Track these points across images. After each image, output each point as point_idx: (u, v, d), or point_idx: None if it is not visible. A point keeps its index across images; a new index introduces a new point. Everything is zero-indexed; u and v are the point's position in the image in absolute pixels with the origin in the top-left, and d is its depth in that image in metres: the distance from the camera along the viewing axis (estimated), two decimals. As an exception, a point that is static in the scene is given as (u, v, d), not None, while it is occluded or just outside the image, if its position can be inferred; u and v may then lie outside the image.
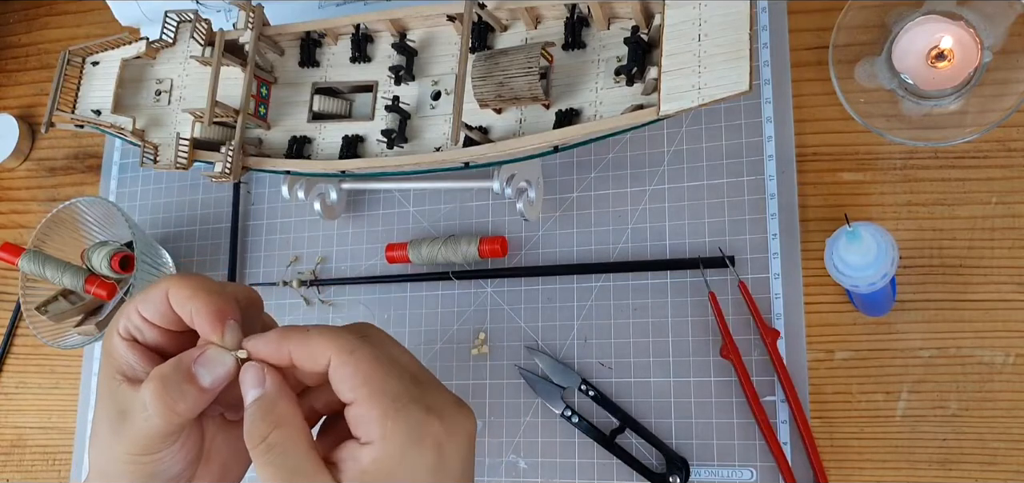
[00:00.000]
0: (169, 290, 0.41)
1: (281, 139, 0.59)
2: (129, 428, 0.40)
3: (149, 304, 0.41)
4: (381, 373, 0.38)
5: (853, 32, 0.55)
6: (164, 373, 0.40)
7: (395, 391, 0.38)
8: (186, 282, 0.41)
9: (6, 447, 0.72)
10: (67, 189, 0.76)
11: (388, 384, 0.38)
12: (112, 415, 0.41)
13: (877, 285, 0.46)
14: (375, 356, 0.38)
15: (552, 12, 0.54)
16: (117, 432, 0.41)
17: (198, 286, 0.41)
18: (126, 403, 0.41)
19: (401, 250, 0.63)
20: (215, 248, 0.69)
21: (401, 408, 0.37)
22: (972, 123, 0.52)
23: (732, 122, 0.58)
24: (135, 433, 0.40)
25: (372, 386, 0.38)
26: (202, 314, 0.40)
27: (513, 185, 0.56)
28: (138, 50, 0.62)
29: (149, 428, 0.40)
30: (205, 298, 0.40)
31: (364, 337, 0.39)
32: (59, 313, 0.67)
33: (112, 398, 0.41)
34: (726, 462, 0.54)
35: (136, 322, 0.42)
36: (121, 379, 0.42)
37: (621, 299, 0.58)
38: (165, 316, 0.42)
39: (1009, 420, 0.51)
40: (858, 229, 0.45)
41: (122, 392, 0.41)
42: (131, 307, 0.42)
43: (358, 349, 0.38)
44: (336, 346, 0.38)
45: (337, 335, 0.39)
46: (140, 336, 0.42)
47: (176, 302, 0.41)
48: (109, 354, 0.42)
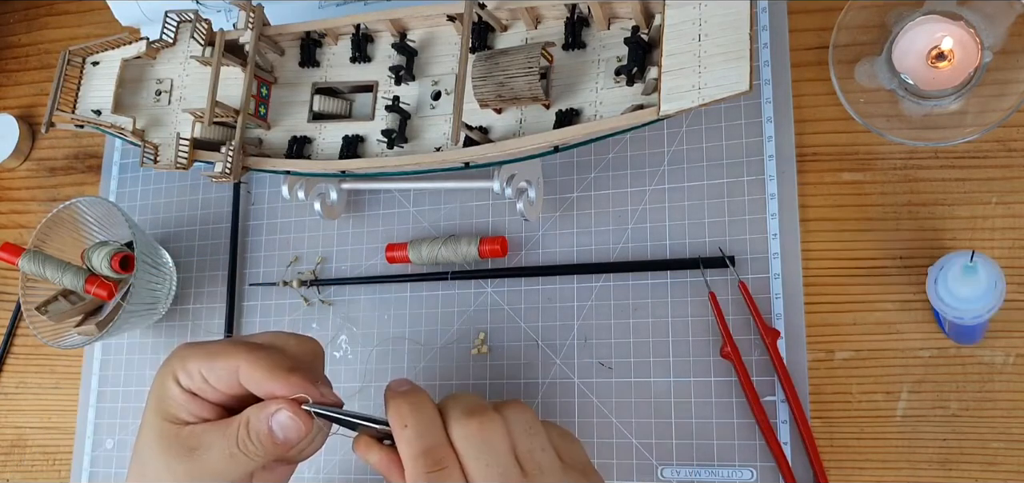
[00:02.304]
0: (240, 369, 0.44)
1: (281, 139, 0.59)
2: (199, 469, 0.43)
3: (215, 373, 0.44)
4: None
5: (853, 32, 0.55)
6: (251, 421, 0.43)
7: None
8: (259, 363, 0.43)
9: (6, 447, 0.72)
10: (67, 189, 0.76)
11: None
12: (176, 454, 0.43)
13: (982, 318, 0.44)
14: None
15: (552, 12, 0.54)
16: (176, 470, 0.43)
17: (274, 366, 0.43)
18: (197, 442, 0.44)
19: (401, 250, 0.63)
20: (215, 248, 0.69)
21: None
22: (972, 123, 0.52)
23: (732, 122, 0.58)
24: (208, 472, 0.43)
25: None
26: (279, 393, 0.43)
27: (513, 185, 0.56)
28: (138, 50, 0.62)
29: (228, 469, 0.43)
30: (285, 378, 0.43)
31: (438, 474, 0.40)
32: (59, 313, 0.67)
33: (176, 439, 0.44)
34: (726, 462, 0.54)
35: (198, 382, 0.44)
36: (178, 422, 0.45)
37: (621, 299, 0.58)
38: (231, 386, 0.44)
39: (1009, 420, 0.51)
40: (977, 264, 0.43)
41: (189, 433, 0.44)
42: (193, 365, 0.44)
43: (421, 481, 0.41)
44: (408, 473, 0.41)
45: (415, 460, 0.41)
46: (194, 388, 0.45)
47: (249, 383, 0.44)
48: (163, 399, 0.45)
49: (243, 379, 0.44)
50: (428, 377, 0.61)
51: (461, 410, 0.42)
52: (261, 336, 0.47)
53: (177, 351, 0.45)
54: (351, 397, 0.63)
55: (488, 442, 0.41)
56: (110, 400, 0.69)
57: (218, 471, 0.43)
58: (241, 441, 0.43)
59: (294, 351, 0.46)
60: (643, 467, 0.56)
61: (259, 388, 0.44)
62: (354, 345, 0.64)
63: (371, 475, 0.61)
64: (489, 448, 0.41)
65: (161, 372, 0.45)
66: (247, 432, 0.43)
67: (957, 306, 0.45)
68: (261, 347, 0.44)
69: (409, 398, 0.42)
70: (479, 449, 0.41)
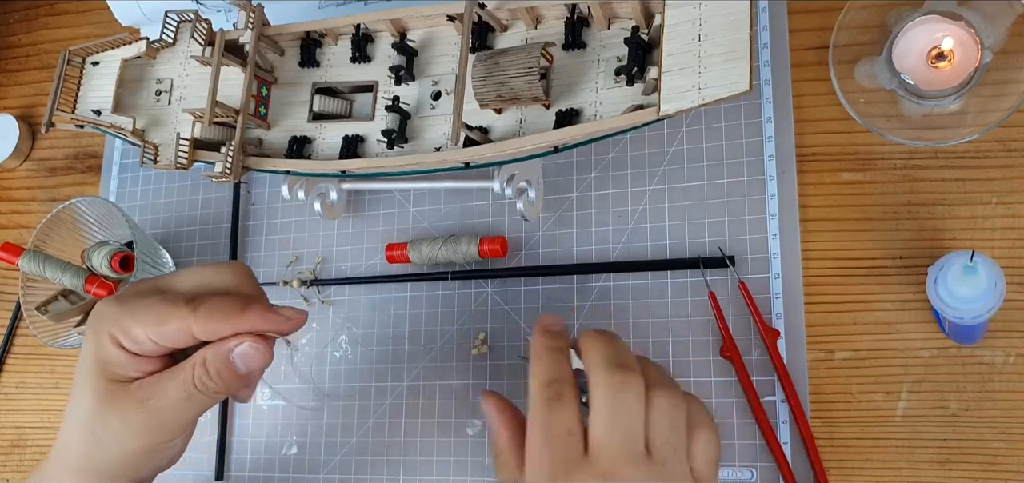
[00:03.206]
0: (194, 327, 0.44)
1: (281, 139, 0.59)
2: (156, 417, 0.44)
3: (167, 337, 0.44)
4: (540, 444, 0.40)
5: (853, 32, 0.55)
6: (209, 359, 0.45)
7: (547, 465, 0.40)
8: (212, 316, 0.44)
9: (6, 447, 0.72)
10: (67, 189, 0.76)
11: (543, 456, 0.40)
12: (130, 408, 0.44)
13: (982, 318, 0.44)
14: (546, 419, 0.40)
15: (552, 12, 0.54)
16: (133, 424, 0.44)
17: (229, 314, 0.44)
18: (148, 393, 0.44)
19: (401, 250, 0.63)
20: (215, 248, 0.69)
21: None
22: (972, 123, 0.52)
23: (732, 122, 0.58)
24: (166, 418, 0.45)
25: (530, 455, 0.41)
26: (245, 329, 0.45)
27: (513, 185, 0.56)
28: (138, 50, 0.62)
29: (185, 410, 0.45)
30: (240, 320, 0.44)
31: (560, 399, 0.41)
32: (59, 313, 0.67)
33: (125, 396, 0.44)
34: (726, 462, 0.54)
35: (140, 340, 0.44)
36: (125, 380, 0.45)
37: (621, 299, 0.58)
38: (182, 342, 0.45)
39: (1009, 420, 0.51)
40: (977, 264, 0.43)
41: (138, 386, 0.45)
42: (138, 331, 0.44)
43: (536, 407, 0.41)
44: (534, 386, 0.42)
45: (543, 382, 0.42)
46: (139, 350, 0.45)
47: (205, 336, 0.44)
48: (106, 363, 0.45)
49: (198, 334, 0.44)
50: (428, 377, 0.61)
51: (605, 359, 0.41)
52: (186, 277, 0.47)
53: (106, 313, 0.45)
54: (351, 397, 0.63)
55: (624, 405, 0.40)
56: (110, 400, 0.69)
57: (175, 415, 0.45)
58: (199, 380, 0.44)
59: (235, 285, 0.47)
60: (643, 467, 0.56)
61: (218, 337, 0.45)
62: (354, 345, 0.64)
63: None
64: (621, 411, 0.40)
65: (94, 338, 0.45)
66: (205, 370, 0.44)
67: (957, 306, 0.45)
68: (204, 298, 0.44)
69: (554, 325, 0.43)
70: (610, 407, 0.40)
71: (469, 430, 0.60)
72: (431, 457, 0.60)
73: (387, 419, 0.62)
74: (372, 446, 0.61)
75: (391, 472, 0.61)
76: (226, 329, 0.44)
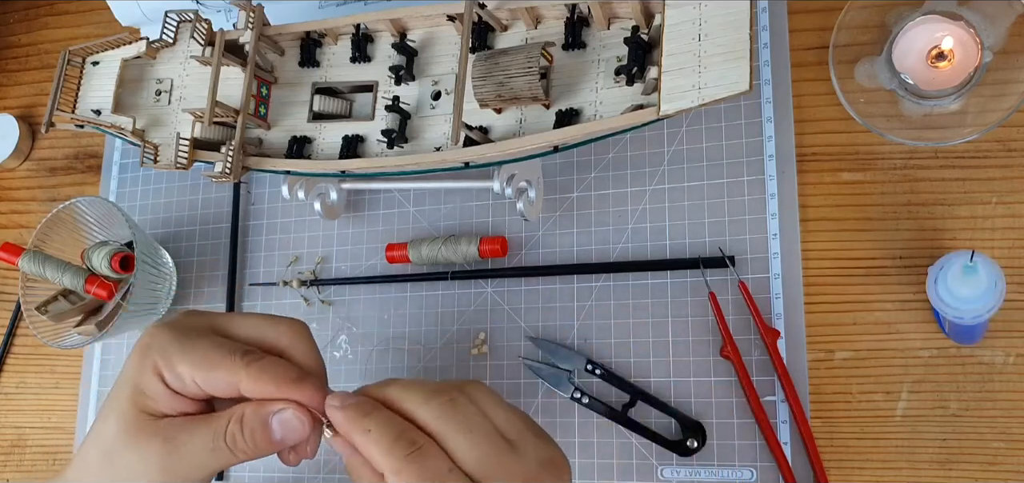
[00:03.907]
0: (242, 384, 0.43)
1: (281, 139, 0.59)
2: (176, 461, 0.43)
3: (213, 384, 0.43)
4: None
5: (853, 32, 0.55)
6: (247, 417, 0.43)
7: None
8: (263, 377, 0.43)
9: (6, 447, 0.72)
10: (67, 189, 0.76)
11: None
12: (151, 445, 0.43)
13: (982, 318, 0.44)
14: (420, 478, 0.39)
15: (552, 12, 0.54)
16: (151, 462, 0.43)
17: (282, 380, 0.43)
18: (175, 434, 0.43)
19: (401, 250, 0.63)
20: (215, 248, 0.69)
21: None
22: (972, 123, 0.52)
23: (732, 122, 0.58)
24: (184, 464, 0.43)
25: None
26: (292, 397, 0.43)
27: (513, 185, 0.56)
28: (138, 50, 0.62)
29: (206, 462, 0.43)
30: (291, 390, 0.43)
31: (417, 451, 0.39)
32: (59, 313, 0.67)
33: (151, 430, 0.43)
34: (726, 462, 0.54)
35: (185, 379, 0.43)
36: (155, 415, 0.44)
37: (621, 299, 0.58)
38: (227, 392, 0.44)
39: (1009, 420, 0.51)
40: (977, 264, 0.43)
41: (168, 424, 0.43)
42: (184, 370, 0.43)
43: (403, 469, 0.39)
44: (386, 464, 0.39)
45: (390, 447, 0.40)
46: (180, 389, 0.44)
47: (252, 394, 0.43)
48: (142, 393, 0.44)
49: (246, 391, 0.43)
50: (428, 377, 0.61)
51: (422, 395, 0.41)
52: (245, 324, 0.46)
53: (156, 343, 0.44)
54: (351, 397, 0.63)
55: (466, 417, 0.41)
56: (110, 400, 0.69)
57: (196, 463, 0.43)
58: (230, 436, 0.43)
59: (293, 353, 0.45)
60: (643, 467, 0.56)
61: (264, 397, 0.43)
62: (354, 345, 0.64)
63: (371, 475, 0.61)
64: (469, 422, 0.40)
65: (138, 363, 0.44)
66: (240, 427, 0.43)
67: (957, 306, 0.45)
68: (260, 357, 0.43)
69: (359, 407, 0.42)
70: (459, 424, 0.40)
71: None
72: (431, 457, 0.60)
73: (387, 419, 0.62)
74: (372, 446, 0.61)
75: (391, 472, 0.60)
76: (274, 394, 0.43)
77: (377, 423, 0.41)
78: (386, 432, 0.40)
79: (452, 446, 0.40)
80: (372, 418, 0.41)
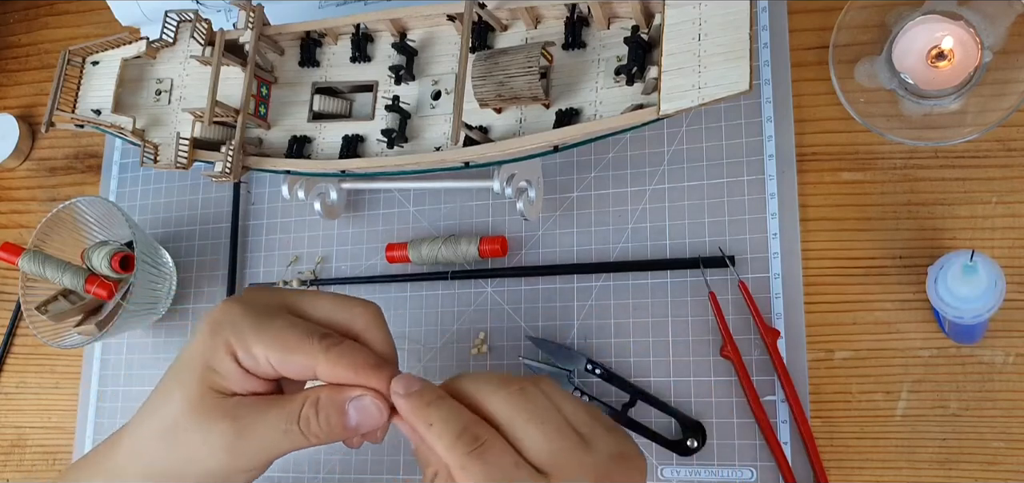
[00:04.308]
0: (319, 368, 0.42)
1: (281, 139, 0.59)
2: (245, 443, 0.41)
3: (289, 366, 0.42)
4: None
5: (853, 32, 0.55)
6: (323, 402, 0.42)
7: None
8: (341, 363, 0.42)
9: (6, 447, 0.72)
10: (67, 189, 0.76)
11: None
12: (219, 423, 0.41)
13: (982, 317, 0.44)
14: (486, 475, 0.38)
15: (552, 12, 0.54)
16: (217, 442, 0.41)
17: (361, 366, 0.42)
18: (245, 413, 0.42)
19: (401, 250, 0.63)
20: (215, 248, 0.69)
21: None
22: (972, 123, 0.52)
23: (732, 122, 0.58)
24: (254, 446, 0.42)
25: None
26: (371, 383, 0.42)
27: (513, 185, 0.56)
28: (138, 50, 0.62)
29: (276, 444, 0.42)
30: (369, 377, 0.42)
31: (481, 446, 0.38)
32: (59, 313, 0.67)
33: (219, 408, 0.42)
34: (726, 462, 0.54)
35: (259, 360, 0.42)
36: (225, 393, 0.42)
37: (621, 299, 0.58)
38: (301, 375, 0.43)
39: (1009, 419, 0.51)
40: (977, 263, 0.43)
41: (237, 403, 0.42)
42: (259, 351, 0.42)
43: (469, 466, 0.38)
44: (450, 459, 0.38)
45: (454, 443, 0.38)
46: (253, 369, 0.43)
47: (329, 379, 0.42)
48: (212, 371, 0.42)
49: (323, 376, 0.42)
50: (428, 377, 0.61)
51: (492, 384, 0.40)
52: (320, 305, 0.44)
53: (228, 319, 0.42)
54: (351, 397, 0.63)
55: (537, 407, 0.39)
56: (110, 400, 0.69)
57: (265, 446, 0.42)
58: (304, 419, 0.42)
59: (368, 338, 0.44)
60: (643, 467, 0.56)
61: (341, 382, 0.42)
62: (354, 345, 0.64)
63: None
64: (539, 413, 0.39)
65: (209, 340, 0.42)
66: (314, 411, 0.42)
67: (957, 306, 0.45)
68: (338, 342, 0.42)
69: (422, 396, 0.41)
70: (530, 414, 0.39)
71: (469, 430, 0.59)
72: (431, 457, 0.60)
73: (387, 419, 0.62)
74: (372, 446, 0.61)
75: (391, 472, 0.61)
76: (352, 380, 0.42)
77: (440, 416, 0.39)
78: (449, 426, 0.39)
79: (521, 436, 0.39)
80: (434, 409, 0.40)
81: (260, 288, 0.45)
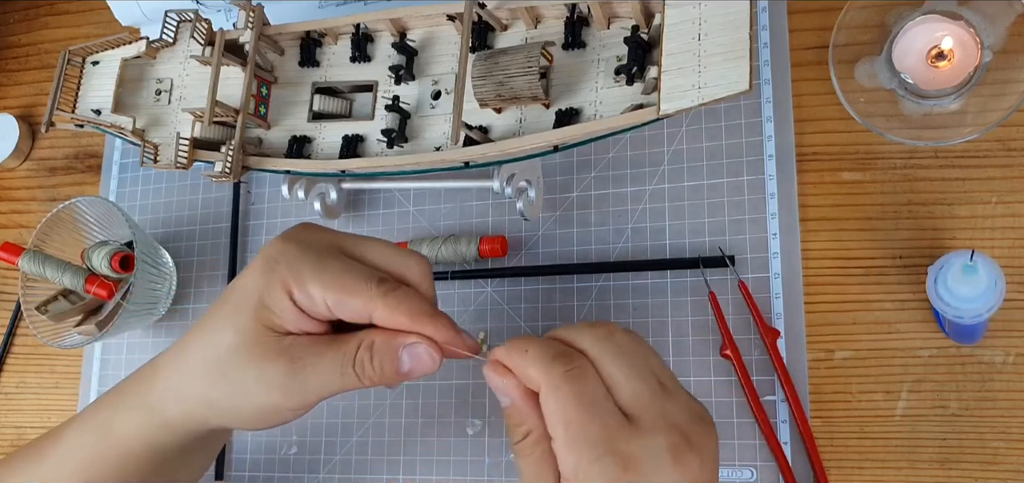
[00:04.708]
0: (376, 313, 0.42)
1: (281, 139, 0.59)
2: (300, 383, 0.42)
3: (346, 308, 0.42)
4: (582, 418, 0.37)
5: (853, 32, 0.55)
6: (378, 346, 0.42)
7: (594, 438, 0.37)
8: (400, 309, 0.42)
9: (6, 447, 0.72)
10: (67, 189, 0.76)
11: (588, 430, 0.37)
12: (274, 361, 0.41)
13: (982, 317, 0.44)
14: (578, 397, 0.37)
15: (552, 12, 0.54)
16: (272, 380, 0.41)
17: (417, 314, 0.42)
18: (301, 353, 0.42)
19: (401, 250, 0.63)
20: (215, 248, 0.69)
21: (596, 459, 0.36)
22: (972, 123, 0.52)
23: (732, 122, 0.58)
24: (309, 386, 0.42)
25: (571, 431, 0.37)
26: (435, 334, 0.43)
27: (513, 185, 0.56)
28: (138, 50, 0.62)
29: (330, 385, 0.42)
30: (424, 325, 0.42)
31: (576, 368, 0.38)
32: (59, 313, 0.67)
33: (275, 347, 0.42)
34: (726, 462, 0.54)
35: (316, 301, 0.42)
36: (280, 331, 0.42)
37: (621, 299, 0.58)
38: (357, 317, 0.42)
39: (1009, 419, 0.51)
40: (977, 263, 0.43)
41: (293, 343, 0.42)
42: (316, 291, 0.41)
43: (562, 387, 0.37)
44: (544, 379, 0.38)
45: (549, 364, 0.38)
46: (309, 309, 0.42)
47: (386, 324, 0.42)
48: (268, 309, 0.42)
49: (379, 320, 0.42)
50: (428, 377, 0.61)
51: (582, 326, 0.40)
52: (374, 250, 0.44)
53: (285, 256, 0.42)
54: (351, 397, 0.63)
55: (626, 350, 0.39)
56: (110, 400, 0.69)
57: (319, 385, 0.42)
58: (359, 362, 0.42)
59: (422, 288, 0.44)
60: (643, 467, 0.56)
61: (396, 328, 0.42)
62: (354, 345, 0.64)
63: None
64: (629, 355, 0.39)
65: (265, 276, 0.42)
66: (369, 355, 0.42)
67: (957, 305, 0.45)
68: (395, 287, 0.42)
69: (519, 339, 0.40)
70: (619, 354, 0.39)
71: (469, 430, 0.59)
72: (431, 457, 0.60)
73: (387, 419, 0.62)
74: (372, 446, 0.61)
75: (391, 472, 0.61)
76: (408, 327, 0.42)
77: (536, 344, 0.39)
78: (545, 351, 0.39)
79: (610, 373, 0.39)
80: (531, 341, 0.40)
81: (313, 226, 0.45)
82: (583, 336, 0.40)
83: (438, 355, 0.43)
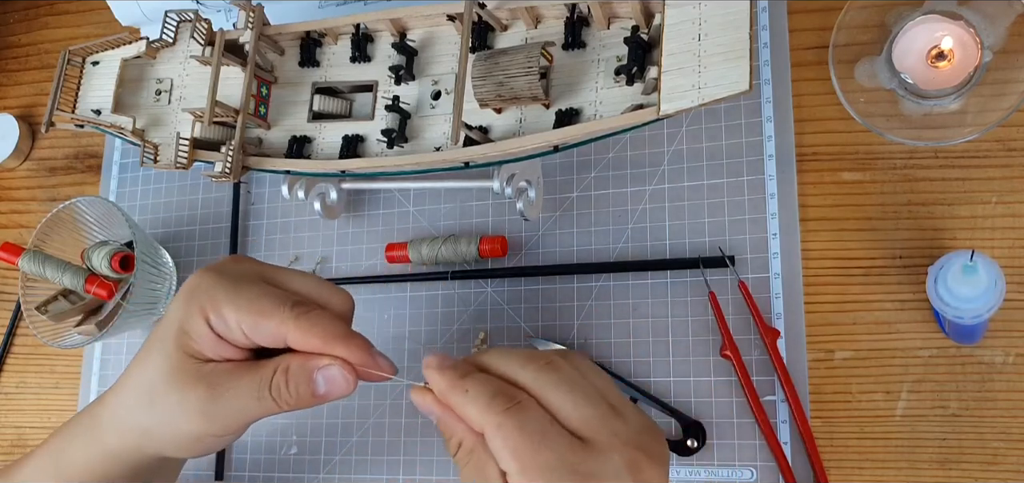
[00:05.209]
0: (290, 335, 0.42)
1: (281, 139, 0.59)
2: (218, 408, 0.43)
3: (260, 332, 0.43)
4: (531, 447, 0.37)
5: (853, 32, 0.55)
6: (293, 370, 0.43)
7: (549, 464, 0.37)
8: (313, 331, 0.42)
9: (6, 447, 0.72)
10: (67, 189, 0.76)
11: (540, 457, 0.37)
12: (194, 389, 0.43)
13: (982, 317, 0.44)
14: (521, 428, 0.37)
15: (552, 12, 0.54)
16: (192, 406, 0.42)
17: (331, 336, 0.42)
18: (219, 380, 0.43)
19: (401, 250, 0.63)
20: (215, 248, 0.69)
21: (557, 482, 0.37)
22: (972, 123, 0.52)
23: (732, 122, 0.58)
24: (228, 411, 0.43)
25: (523, 461, 0.37)
26: (346, 355, 0.43)
27: (513, 185, 0.56)
28: (138, 50, 0.62)
29: (248, 410, 0.43)
30: (337, 347, 0.43)
31: (515, 405, 0.38)
32: (59, 313, 0.67)
33: (195, 374, 0.43)
34: (726, 462, 0.54)
35: (231, 326, 0.43)
36: (200, 358, 0.43)
37: (621, 299, 0.58)
38: (273, 342, 0.43)
39: (1009, 419, 0.51)
40: (977, 263, 0.43)
41: (212, 370, 0.43)
42: (230, 315, 0.43)
43: (505, 423, 0.38)
44: (485, 420, 0.38)
45: (489, 402, 0.38)
46: (226, 335, 0.43)
47: (299, 346, 0.43)
48: (187, 335, 0.43)
49: (293, 343, 0.43)
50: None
51: (520, 359, 0.40)
52: (296, 279, 0.45)
53: (202, 285, 0.43)
54: (351, 397, 0.63)
55: (567, 377, 0.39)
56: (110, 400, 0.69)
57: (237, 410, 0.43)
58: (275, 387, 0.42)
59: (341, 309, 0.45)
60: (643, 467, 0.56)
61: (311, 350, 0.43)
62: (354, 345, 0.64)
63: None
64: (570, 382, 0.39)
65: (185, 305, 0.43)
66: (285, 380, 0.42)
67: (957, 306, 0.45)
68: (309, 310, 0.43)
69: (457, 370, 0.40)
70: (560, 383, 0.39)
71: (469, 430, 0.59)
72: (431, 457, 0.60)
73: (387, 419, 0.62)
74: (372, 446, 0.61)
75: (391, 472, 0.61)
76: (321, 349, 0.43)
77: (474, 382, 0.39)
78: (484, 389, 0.39)
79: (555, 403, 0.39)
80: (470, 379, 0.40)
81: (238, 257, 0.47)
82: (523, 371, 0.40)
83: (353, 377, 0.43)
